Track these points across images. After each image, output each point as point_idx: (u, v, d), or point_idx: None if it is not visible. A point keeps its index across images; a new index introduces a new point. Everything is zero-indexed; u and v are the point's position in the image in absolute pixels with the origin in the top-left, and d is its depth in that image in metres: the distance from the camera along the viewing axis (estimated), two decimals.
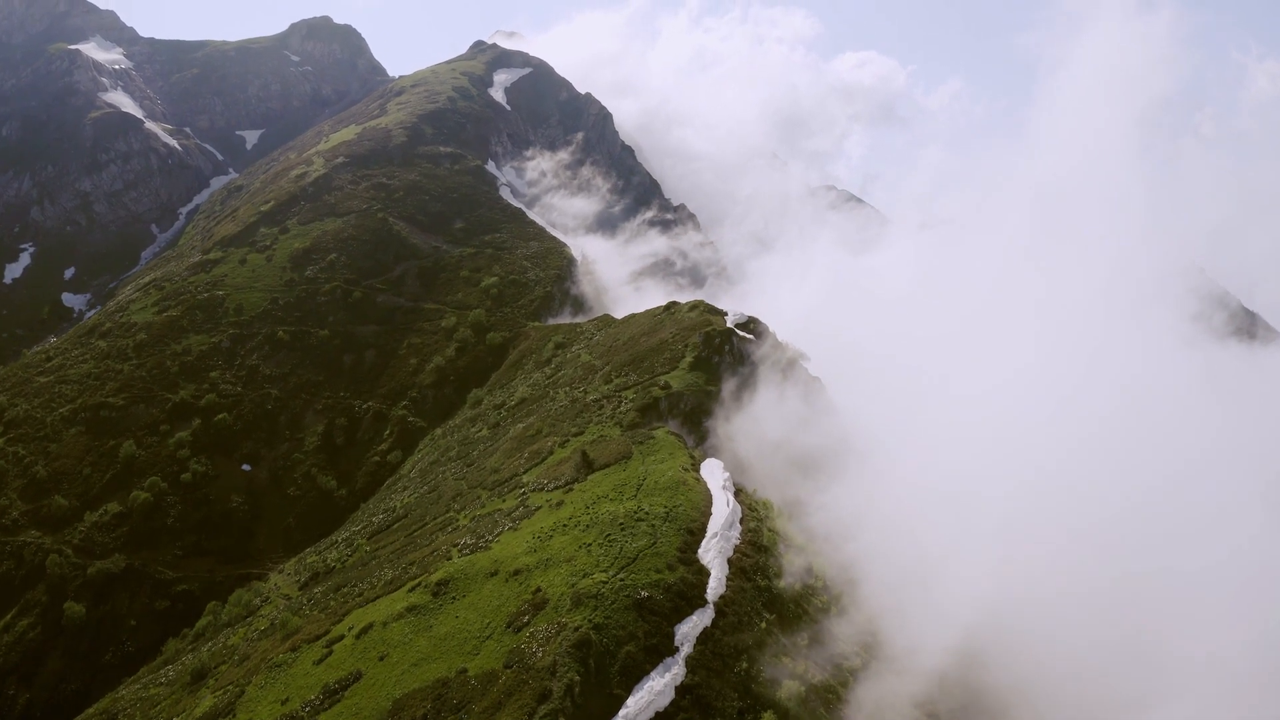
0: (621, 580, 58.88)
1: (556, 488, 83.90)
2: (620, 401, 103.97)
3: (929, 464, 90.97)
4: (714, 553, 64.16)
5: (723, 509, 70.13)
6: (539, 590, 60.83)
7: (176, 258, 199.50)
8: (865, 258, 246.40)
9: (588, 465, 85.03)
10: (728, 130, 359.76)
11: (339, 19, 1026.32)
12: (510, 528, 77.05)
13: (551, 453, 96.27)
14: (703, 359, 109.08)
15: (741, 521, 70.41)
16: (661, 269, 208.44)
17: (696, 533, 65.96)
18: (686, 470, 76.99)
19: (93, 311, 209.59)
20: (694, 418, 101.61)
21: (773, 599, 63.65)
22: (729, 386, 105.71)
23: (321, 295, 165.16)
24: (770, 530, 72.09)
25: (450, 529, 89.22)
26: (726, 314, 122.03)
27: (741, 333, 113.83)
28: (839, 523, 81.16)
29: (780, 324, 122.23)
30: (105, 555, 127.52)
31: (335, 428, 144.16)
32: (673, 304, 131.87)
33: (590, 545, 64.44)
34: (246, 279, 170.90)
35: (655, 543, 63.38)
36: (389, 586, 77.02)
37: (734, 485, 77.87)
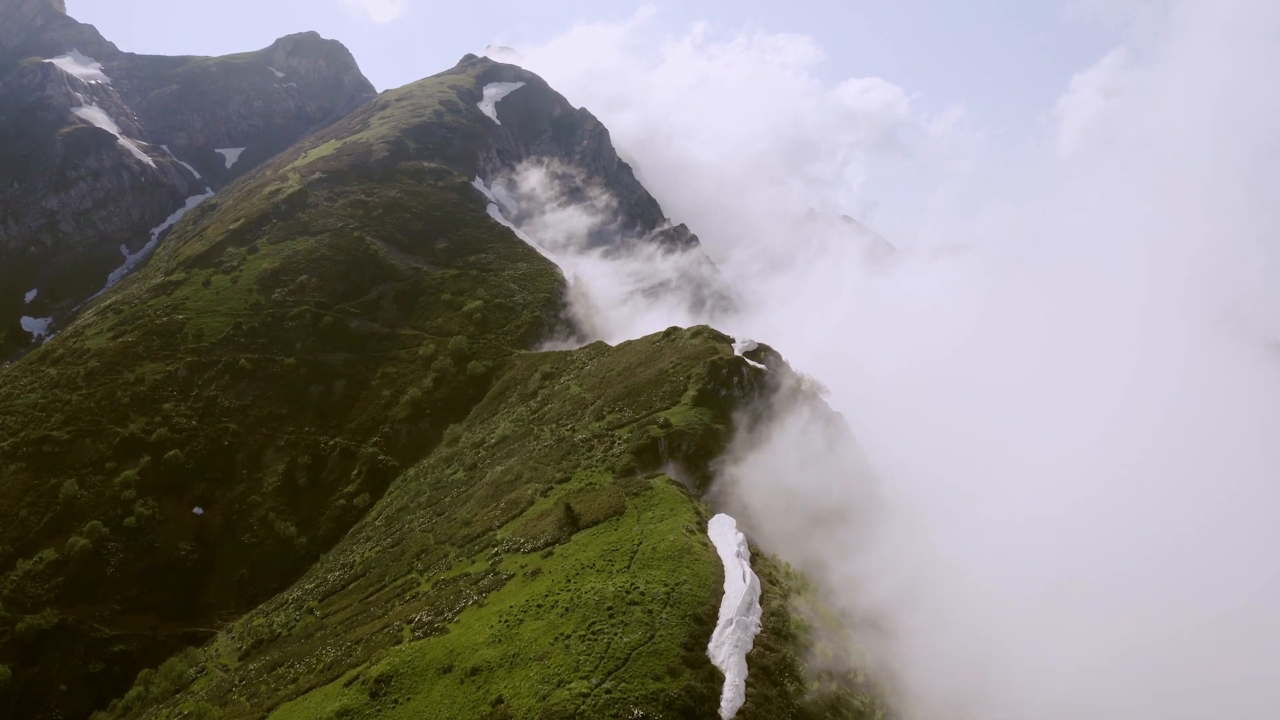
0: (608, 693, 44.47)
1: (534, 550, 69.69)
2: (613, 442, 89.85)
3: (976, 517, 76.57)
4: (729, 647, 49.80)
5: (738, 585, 55.80)
6: (500, 701, 46.46)
7: (140, 280, 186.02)
8: (882, 282, 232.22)
9: (572, 522, 70.81)
10: (730, 149, 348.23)
11: (338, 37, 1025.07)
12: (475, 602, 62.78)
13: (532, 503, 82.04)
14: (708, 392, 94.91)
15: (762, 601, 56.10)
16: (660, 292, 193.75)
17: (706, 620, 51.59)
18: (691, 532, 62.70)
19: (52, 336, 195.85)
20: (698, 461, 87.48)
21: (804, 710, 49.12)
22: (738, 424, 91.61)
23: (289, 320, 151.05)
24: (797, 612, 57.62)
25: (409, 596, 75.01)
26: (734, 341, 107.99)
27: (752, 362, 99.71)
28: (873, 593, 66.83)
29: (793, 352, 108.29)
30: (37, 609, 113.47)
31: (298, 467, 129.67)
32: (673, 330, 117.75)
33: (569, 638, 50.05)
34: (209, 302, 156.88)
35: (653, 636, 49.03)
36: (326, 673, 62.83)
37: (749, 549, 63.66)
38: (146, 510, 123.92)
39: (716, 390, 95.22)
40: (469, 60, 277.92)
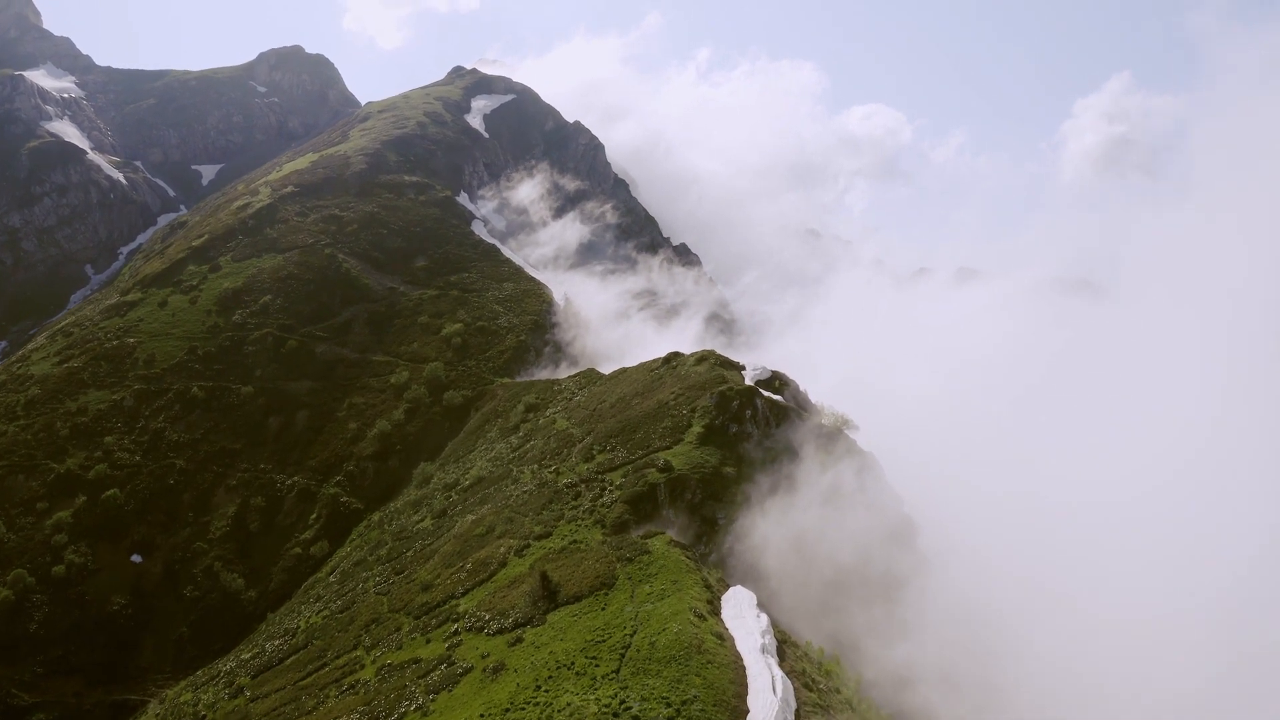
0: None
1: (500, 631, 55.31)
2: (603, 488, 75.53)
3: (1051, 592, 62.08)
4: None
5: (767, 699, 41.22)
6: None
7: (97, 301, 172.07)
8: (907, 307, 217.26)
9: (549, 595, 56.42)
10: (732, 168, 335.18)
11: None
12: (419, 708, 48.43)
13: (504, 565, 67.61)
14: (716, 428, 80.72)
15: (799, 717, 41.65)
16: (659, 314, 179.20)
17: None
18: (701, 618, 48.21)
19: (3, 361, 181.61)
20: (704, 511, 73.31)
21: None
22: (752, 467, 77.40)
23: (249, 344, 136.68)
24: None
25: (348, 684, 60.51)
26: (744, 368, 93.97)
27: (766, 392, 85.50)
28: (930, 703, 52.23)
29: (812, 380, 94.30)
30: None
31: (250, 509, 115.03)
32: (674, 355, 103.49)
33: None
34: (164, 324, 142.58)
35: None
36: None
37: (776, 636, 49.31)
38: (79, 557, 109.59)
39: (726, 426, 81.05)
40: (457, 72, 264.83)
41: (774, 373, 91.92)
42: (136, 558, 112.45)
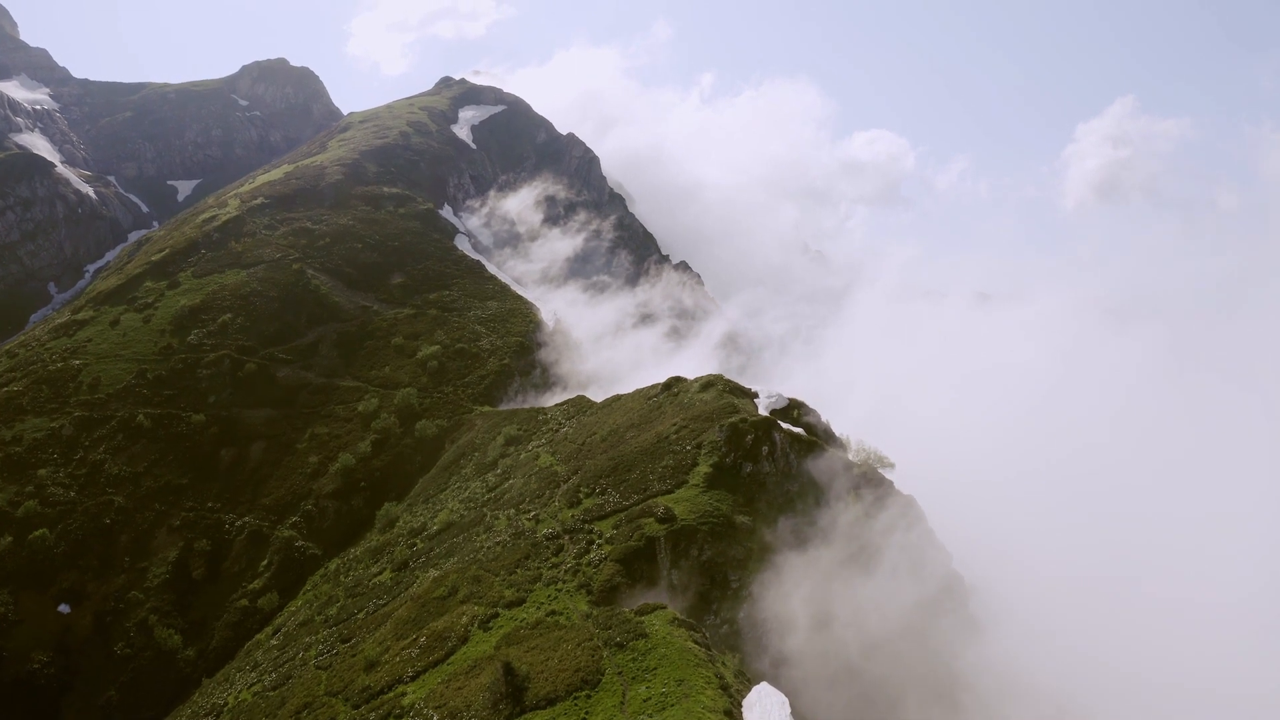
0: None
1: None
2: (591, 541, 62.29)
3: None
4: None
5: None
6: None
7: (49, 320, 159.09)
8: (929, 332, 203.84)
9: (513, 694, 43.13)
10: (733, 184, 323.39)
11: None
12: None
13: (464, 640, 54.29)
14: (726, 468, 67.54)
15: None
16: (658, 334, 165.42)
17: None
18: None
19: None
20: (712, 571, 60.07)
21: None
22: (771, 515, 64.20)
23: (204, 367, 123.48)
24: None
25: None
26: (757, 394, 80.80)
27: (784, 424, 72.26)
28: None
29: (834, 410, 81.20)
30: None
31: (194, 554, 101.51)
32: (675, 381, 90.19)
33: None
34: (113, 345, 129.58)
35: None
36: None
37: None
38: None
39: (738, 465, 67.89)
40: (445, 82, 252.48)
41: (791, 400, 78.92)
42: (64, 608, 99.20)
